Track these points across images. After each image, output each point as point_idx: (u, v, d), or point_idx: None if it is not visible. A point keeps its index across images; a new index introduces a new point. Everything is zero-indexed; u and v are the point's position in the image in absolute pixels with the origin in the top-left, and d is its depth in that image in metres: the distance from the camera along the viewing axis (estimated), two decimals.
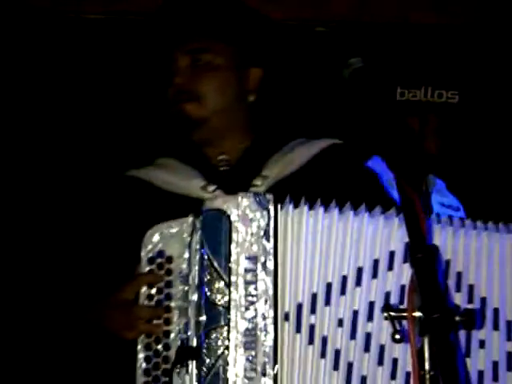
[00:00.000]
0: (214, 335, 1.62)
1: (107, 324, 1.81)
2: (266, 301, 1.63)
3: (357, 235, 1.67)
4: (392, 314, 1.33)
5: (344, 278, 1.66)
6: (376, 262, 1.66)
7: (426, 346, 1.21)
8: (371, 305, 1.65)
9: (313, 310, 1.65)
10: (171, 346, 1.72)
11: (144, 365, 1.73)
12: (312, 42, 3.16)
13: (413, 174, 1.47)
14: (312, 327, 1.64)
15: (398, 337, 1.34)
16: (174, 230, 1.75)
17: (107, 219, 2.01)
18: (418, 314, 1.24)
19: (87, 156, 3.04)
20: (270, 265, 1.64)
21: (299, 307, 1.64)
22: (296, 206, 1.69)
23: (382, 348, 1.63)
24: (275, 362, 1.60)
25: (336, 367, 1.63)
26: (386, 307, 1.35)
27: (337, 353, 1.63)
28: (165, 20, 2.11)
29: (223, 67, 2.08)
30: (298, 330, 1.63)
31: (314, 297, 1.65)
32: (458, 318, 1.28)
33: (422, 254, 1.25)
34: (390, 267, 1.66)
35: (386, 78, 1.74)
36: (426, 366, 1.20)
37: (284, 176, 2.02)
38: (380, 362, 1.63)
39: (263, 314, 1.62)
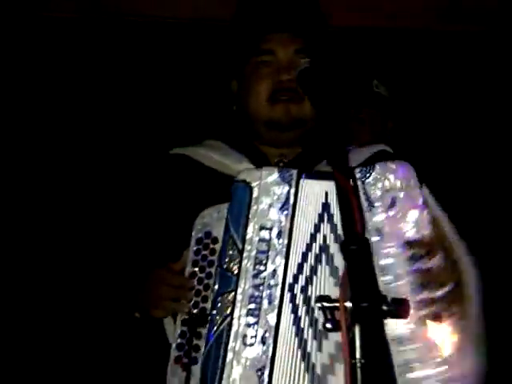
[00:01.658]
0: (223, 300, 1.64)
1: (144, 296, 1.84)
2: (274, 271, 1.62)
3: None
4: (325, 304, 1.32)
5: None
6: None
7: (357, 335, 1.22)
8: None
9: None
10: None
11: (179, 340, 1.76)
12: None
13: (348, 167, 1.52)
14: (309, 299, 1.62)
15: (329, 326, 1.32)
16: (222, 213, 1.79)
17: (155, 197, 2.03)
18: (348, 304, 1.25)
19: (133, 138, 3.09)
20: (284, 236, 1.64)
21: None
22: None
23: None
24: (276, 332, 1.58)
25: None
26: (320, 297, 1.34)
27: None
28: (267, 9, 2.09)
29: None
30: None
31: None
32: (385, 308, 1.26)
33: (355, 246, 1.27)
34: None
35: (335, 76, 1.78)
36: (357, 355, 1.21)
37: None
38: None
39: (269, 284, 1.62)
